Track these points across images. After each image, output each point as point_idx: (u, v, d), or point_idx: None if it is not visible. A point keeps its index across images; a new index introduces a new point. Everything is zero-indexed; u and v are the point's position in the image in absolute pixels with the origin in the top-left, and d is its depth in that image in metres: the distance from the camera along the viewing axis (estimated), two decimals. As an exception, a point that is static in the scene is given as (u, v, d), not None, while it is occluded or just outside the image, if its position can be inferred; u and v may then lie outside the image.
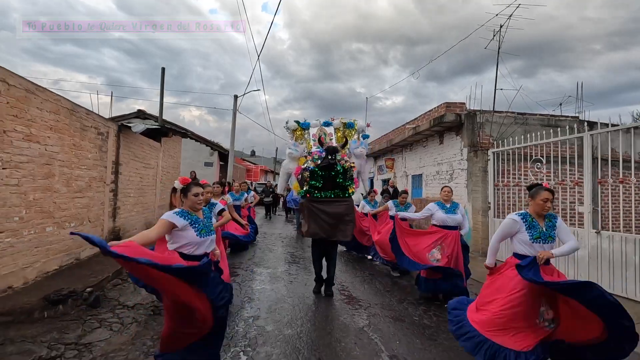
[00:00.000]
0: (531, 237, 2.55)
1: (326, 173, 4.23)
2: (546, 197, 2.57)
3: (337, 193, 4.34)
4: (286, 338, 3.31)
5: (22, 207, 3.90)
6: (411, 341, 3.38)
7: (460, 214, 4.40)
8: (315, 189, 4.32)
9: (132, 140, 7.28)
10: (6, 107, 3.58)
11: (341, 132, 5.00)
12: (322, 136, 4.76)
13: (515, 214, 2.69)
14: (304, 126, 4.97)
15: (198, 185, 2.54)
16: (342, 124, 5.00)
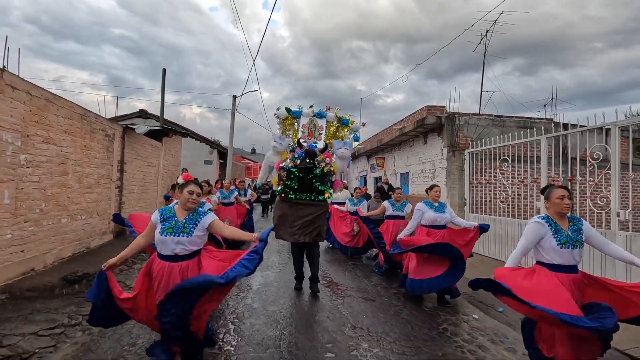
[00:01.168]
0: (559, 242, 2.30)
1: (303, 175, 4.15)
2: (561, 194, 2.38)
3: (311, 196, 4.25)
4: (269, 313, 3.89)
5: (42, 200, 4.50)
6: (376, 316, 3.96)
7: (448, 212, 4.38)
8: (290, 189, 4.25)
9: (136, 141, 7.86)
10: (29, 115, 4.17)
11: (334, 127, 4.74)
12: (312, 129, 4.63)
13: (538, 217, 2.43)
14: (295, 115, 4.70)
15: (197, 184, 2.52)
16: (337, 118, 4.72)
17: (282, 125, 4.77)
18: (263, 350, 2.99)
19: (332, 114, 4.72)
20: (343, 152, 4.52)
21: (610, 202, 4.25)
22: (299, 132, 4.66)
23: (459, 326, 3.75)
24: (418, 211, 4.38)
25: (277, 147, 4.53)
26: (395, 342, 3.27)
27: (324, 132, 4.69)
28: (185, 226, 2.41)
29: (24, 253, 4.19)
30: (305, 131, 4.69)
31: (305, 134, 4.68)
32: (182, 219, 2.44)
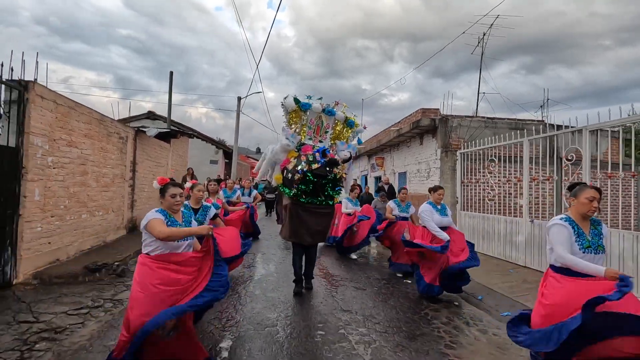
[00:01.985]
0: (581, 247, 2.12)
1: (318, 180, 4.08)
2: (592, 195, 2.17)
3: (322, 201, 4.23)
4: (268, 299, 4.33)
5: (65, 197, 5.00)
6: (365, 302, 4.38)
7: (449, 215, 4.40)
8: (303, 193, 4.15)
9: (146, 143, 8.37)
10: (55, 121, 4.66)
11: (340, 126, 4.62)
12: (319, 125, 4.48)
13: (559, 219, 2.24)
14: (304, 107, 4.41)
15: (176, 185, 2.44)
16: (344, 117, 4.61)
17: (288, 116, 4.49)
18: (262, 329, 3.43)
19: (341, 114, 4.56)
20: (345, 154, 4.43)
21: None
22: (306, 127, 4.47)
23: (439, 311, 4.16)
24: (428, 212, 4.32)
25: (290, 145, 4.32)
26: (380, 324, 3.69)
27: (330, 131, 4.53)
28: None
29: (50, 245, 4.69)
30: (313, 127, 4.48)
31: (312, 131, 4.49)
32: (182, 221, 2.51)
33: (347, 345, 3.15)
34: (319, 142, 4.51)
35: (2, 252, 3.89)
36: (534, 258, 5.51)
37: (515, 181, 6.09)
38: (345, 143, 4.57)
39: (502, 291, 4.72)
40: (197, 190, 3.74)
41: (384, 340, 3.30)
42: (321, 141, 4.52)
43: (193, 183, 3.83)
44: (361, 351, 3.04)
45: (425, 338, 3.39)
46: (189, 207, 3.53)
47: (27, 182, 4.15)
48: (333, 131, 4.59)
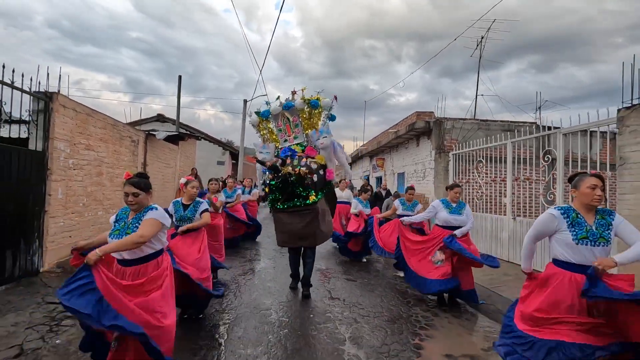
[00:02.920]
0: (575, 237, 2.04)
1: (283, 185, 4.11)
2: (593, 183, 2.07)
3: (296, 202, 4.17)
4: (265, 287, 4.78)
5: (84, 196, 5.53)
6: (353, 291, 4.80)
7: (465, 214, 4.15)
8: (276, 201, 4.24)
9: (156, 145, 8.91)
10: (75, 127, 5.19)
11: (306, 113, 4.40)
12: (287, 124, 4.44)
13: (554, 208, 2.18)
14: (264, 116, 4.47)
15: (131, 184, 2.27)
16: (305, 102, 4.32)
17: (258, 131, 4.57)
18: (257, 312, 3.87)
19: (299, 101, 4.31)
20: (323, 142, 4.18)
21: (556, 198, 4.97)
22: (275, 132, 4.49)
23: (421, 300, 4.56)
24: (432, 208, 4.30)
25: (265, 157, 4.35)
26: (364, 309, 4.11)
27: (299, 123, 4.40)
28: (130, 227, 2.23)
29: (71, 238, 5.22)
30: (282, 129, 4.47)
31: (284, 132, 4.47)
32: (130, 219, 2.28)
33: (331, 325, 3.57)
34: (294, 138, 4.45)
35: (31, 244, 4.42)
36: (517, 253, 5.85)
37: (500, 181, 6.43)
38: (317, 131, 4.26)
39: (482, 283, 5.08)
40: (190, 187, 3.74)
41: (365, 322, 3.72)
42: (296, 137, 4.44)
43: (188, 179, 3.84)
44: (342, 330, 3.47)
45: (403, 321, 3.80)
46: (180, 203, 3.76)
47: (51, 182, 4.68)
48: (301, 121, 4.39)
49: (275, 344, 3.09)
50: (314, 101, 4.30)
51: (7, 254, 4.06)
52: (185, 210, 3.70)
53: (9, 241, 4.08)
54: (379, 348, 3.12)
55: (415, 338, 3.38)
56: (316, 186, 4.18)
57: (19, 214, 4.20)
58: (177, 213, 3.71)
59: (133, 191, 2.25)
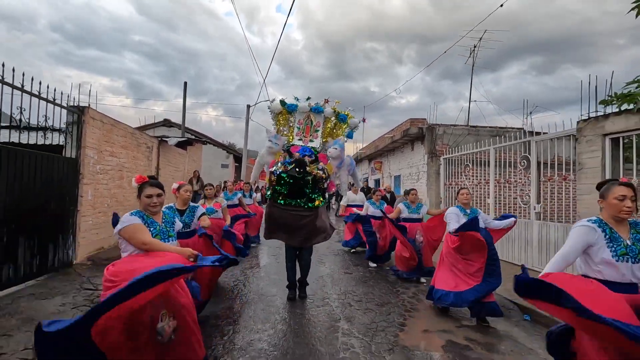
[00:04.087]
0: (615, 254, 1.81)
1: (294, 181, 3.91)
2: (622, 193, 1.87)
3: (300, 203, 4.01)
4: (271, 279, 5.39)
5: (108, 197, 6.17)
6: (349, 282, 5.40)
7: (482, 219, 3.90)
8: (279, 194, 4.03)
9: (167, 150, 9.56)
10: (102, 136, 5.83)
11: (331, 123, 4.43)
12: (309, 125, 4.37)
13: (587, 220, 1.94)
14: (290, 109, 4.37)
15: (153, 186, 2.25)
16: (335, 113, 4.38)
17: (276, 120, 4.49)
18: (264, 298, 4.48)
19: (329, 110, 4.37)
20: (331, 152, 4.18)
21: (530, 199, 5.57)
22: (294, 128, 4.41)
23: (408, 289, 5.15)
24: (455, 215, 3.91)
25: (273, 147, 4.20)
26: (357, 296, 4.71)
27: (321, 129, 4.38)
28: (165, 230, 2.26)
29: (97, 235, 5.86)
30: (301, 128, 4.40)
31: (301, 131, 4.41)
32: (161, 223, 2.29)
33: (329, 308, 4.18)
34: (309, 141, 4.38)
35: (67, 239, 5.06)
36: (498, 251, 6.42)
37: (484, 183, 7.03)
38: (331, 140, 4.33)
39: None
40: (183, 191, 3.64)
41: (357, 305, 4.32)
42: (312, 140, 4.38)
43: (180, 184, 3.71)
44: (338, 312, 4.07)
45: (391, 305, 4.40)
46: (174, 208, 3.39)
47: (83, 185, 5.32)
48: (324, 129, 4.40)
49: (280, 321, 3.70)
50: (343, 115, 4.39)
51: (50, 247, 4.71)
52: (182, 216, 3.56)
53: (50, 236, 4.73)
54: (369, 325, 3.72)
55: (400, 318, 3.98)
56: (323, 192, 4.13)
57: (58, 213, 4.84)
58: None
59: (158, 192, 2.24)
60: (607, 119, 4.13)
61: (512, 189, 6.45)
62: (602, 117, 4.20)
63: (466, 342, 3.37)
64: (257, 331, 3.45)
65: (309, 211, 4.06)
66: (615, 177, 4.08)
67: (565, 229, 4.91)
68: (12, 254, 4.04)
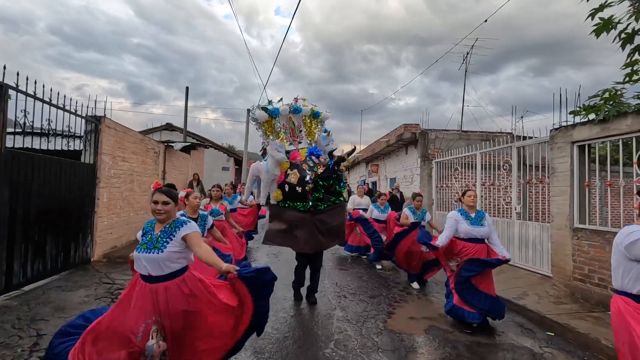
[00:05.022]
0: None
1: (327, 182, 3.94)
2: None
3: (335, 200, 4.07)
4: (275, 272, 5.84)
5: (120, 200, 6.62)
6: (345, 277, 5.85)
7: (487, 225, 3.64)
8: (318, 201, 3.95)
9: (172, 155, 10.02)
10: (115, 143, 6.30)
11: (309, 120, 4.43)
12: (292, 127, 4.34)
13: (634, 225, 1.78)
14: (274, 114, 4.23)
15: (161, 192, 2.20)
16: (311, 110, 4.39)
17: (262, 129, 4.36)
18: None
19: (307, 108, 4.33)
20: (333, 148, 4.32)
21: (512, 200, 6.03)
22: (282, 134, 4.33)
23: (399, 283, 5.60)
24: (452, 220, 3.67)
25: (282, 158, 4.06)
26: (351, 289, 5.16)
27: (303, 129, 4.38)
28: (159, 240, 2.08)
29: (112, 234, 6.31)
30: (287, 131, 4.33)
31: (289, 135, 4.34)
32: (157, 232, 2.14)
33: (325, 299, 4.63)
34: (298, 143, 4.34)
35: (86, 238, 5.52)
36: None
37: (472, 185, 7.50)
38: (328, 137, 4.43)
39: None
40: (192, 198, 3.50)
41: (352, 297, 4.78)
42: (300, 142, 4.34)
43: (187, 192, 3.57)
44: (334, 302, 4.52)
45: (382, 297, 4.85)
46: (187, 216, 3.37)
47: (99, 189, 5.78)
48: (305, 128, 4.38)
49: (280, 310, 4.15)
50: (316, 111, 4.44)
51: (71, 245, 5.18)
52: None
53: (72, 235, 5.20)
54: (360, 313, 4.18)
55: (389, 307, 4.43)
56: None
57: (78, 214, 5.30)
58: None
59: (164, 199, 2.17)
60: (575, 128, 4.60)
61: (496, 191, 6.92)
62: (571, 126, 4.67)
63: (446, 327, 3.83)
64: (261, 318, 3.90)
65: (340, 206, 4.20)
66: (582, 181, 4.57)
67: (542, 228, 5.37)
68: (42, 251, 4.50)
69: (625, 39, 3.83)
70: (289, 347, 3.23)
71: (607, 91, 4.19)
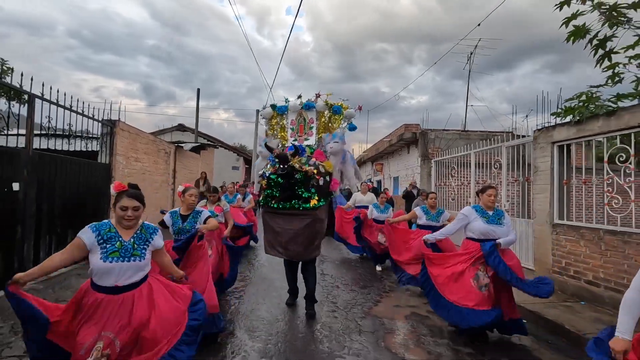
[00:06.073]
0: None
1: (284, 181, 3.63)
2: None
3: (294, 205, 3.68)
4: (273, 267, 6.22)
5: (133, 197, 7.13)
6: (340, 270, 6.22)
7: (506, 225, 3.32)
8: (272, 198, 3.76)
9: (183, 155, 10.56)
10: (128, 144, 6.82)
11: (325, 117, 4.19)
12: (302, 124, 4.19)
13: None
14: (280, 111, 4.23)
15: (131, 197, 1.98)
16: (328, 106, 4.13)
17: (269, 126, 4.38)
18: (267, 281, 5.32)
19: (321, 103, 4.13)
20: (332, 147, 3.88)
21: (501, 198, 6.28)
22: (288, 130, 4.24)
23: (390, 276, 5.91)
24: (462, 216, 3.39)
25: (263, 152, 4.02)
26: (344, 280, 5.53)
27: (315, 125, 4.17)
28: (135, 248, 1.94)
29: (125, 229, 6.83)
30: (295, 128, 4.21)
31: (295, 132, 4.21)
32: (129, 239, 1.95)
33: (319, 287, 4.95)
34: (304, 140, 4.16)
35: (102, 232, 6.04)
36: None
37: (467, 184, 7.74)
38: (330, 135, 4.01)
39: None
40: (188, 195, 3.31)
41: (344, 287, 5.14)
42: (307, 139, 4.16)
43: (186, 186, 3.44)
44: (326, 292, 4.90)
45: (373, 288, 5.20)
46: (177, 214, 3.33)
47: (114, 187, 6.29)
48: (318, 124, 4.19)
49: (276, 297, 4.54)
50: (337, 107, 4.13)
51: (89, 238, 5.67)
52: (184, 222, 3.27)
53: (89, 229, 5.69)
54: (349, 301, 4.54)
55: (377, 297, 4.78)
56: (320, 191, 3.74)
57: (95, 210, 5.83)
58: (174, 225, 3.29)
59: (134, 205, 1.97)
60: (555, 129, 4.84)
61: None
62: (551, 127, 4.91)
63: (426, 314, 4.15)
64: (257, 303, 4.31)
65: (305, 214, 3.68)
66: (562, 179, 4.82)
67: (527, 224, 5.62)
68: (64, 242, 5.01)
69: (597, 45, 4.07)
70: (280, 327, 3.62)
71: (583, 94, 4.43)
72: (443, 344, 3.34)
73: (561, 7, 4.10)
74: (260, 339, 3.30)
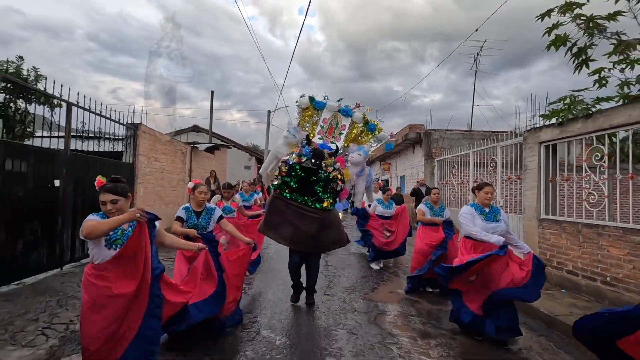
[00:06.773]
0: None
1: (306, 175, 3.70)
2: None
3: (308, 202, 3.77)
4: (280, 258, 6.75)
5: (153, 194, 7.77)
6: (342, 266, 6.61)
7: (503, 221, 3.36)
8: (287, 187, 3.80)
9: (198, 155, 11.20)
10: (149, 145, 7.44)
11: (358, 129, 4.24)
12: (333, 126, 4.25)
13: None
14: (317, 106, 4.27)
15: (107, 191, 2.11)
16: (364, 120, 4.24)
17: (301, 115, 4.39)
18: (274, 272, 5.82)
19: (359, 115, 4.24)
20: (354, 157, 4.01)
21: (497, 195, 6.61)
22: (317, 126, 4.29)
23: (388, 267, 6.36)
24: (469, 215, 3.36)
25: (289, 138, 4.06)
26: (345, 270, 5.99)
27: (345, 132, 4.24)
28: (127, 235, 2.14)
29: (147, 223, 7.46)
30: (325, 126, 4.30)
31: (324, 130, 4.29)
32: (127, 227, 2.18)
33: (320, 275, 5.44)
34: (330, 142, 4.21)
35: (126, 225, 6.67)
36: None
37: (466, 182, 8.07)
38: (356, 145, 4.16)
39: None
40: (197, 193, 3.45)
41: (344, 276, 5.60)
42: (333, 142, 4.21)
43: (195, 183, 3.55)
44: (327, 280, 5.36)
45: (371, 277, 5.64)
46: (191, 210, 3.45)
47: (137, 184, 6.92)
48: (349, 133, 4.26)
49: (281, 284, 5.03)
50: (372, 125, 4.24)
51: (116, 230, 6.31)
52: (199, 218, 3.45)
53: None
54: (348, 287, 5.00)
55: (374, 284, 5.22)
56: (335, 195, 3.84)
57: (120, 205, 6.44)
58: (189, 221, 3.43)
59: (111, 199, 2.10)
60: (542, 130, 5.17)
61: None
62: (539, 128, 5.24)
63: (417, 299, 4.57)
64: (263, 288, 4.81)
65: (315, 212, 3.76)
66: (548, 177, 5.15)
67: (518, 220, 5.95)
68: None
69: (576, 53, 4.40)
70: (283, 306, 4.10)
71: (566, 97, 4.76)
72: (428, 323, 3.77)
73: (542, 18, 4.45)
74: (264, 315, 3.80)
